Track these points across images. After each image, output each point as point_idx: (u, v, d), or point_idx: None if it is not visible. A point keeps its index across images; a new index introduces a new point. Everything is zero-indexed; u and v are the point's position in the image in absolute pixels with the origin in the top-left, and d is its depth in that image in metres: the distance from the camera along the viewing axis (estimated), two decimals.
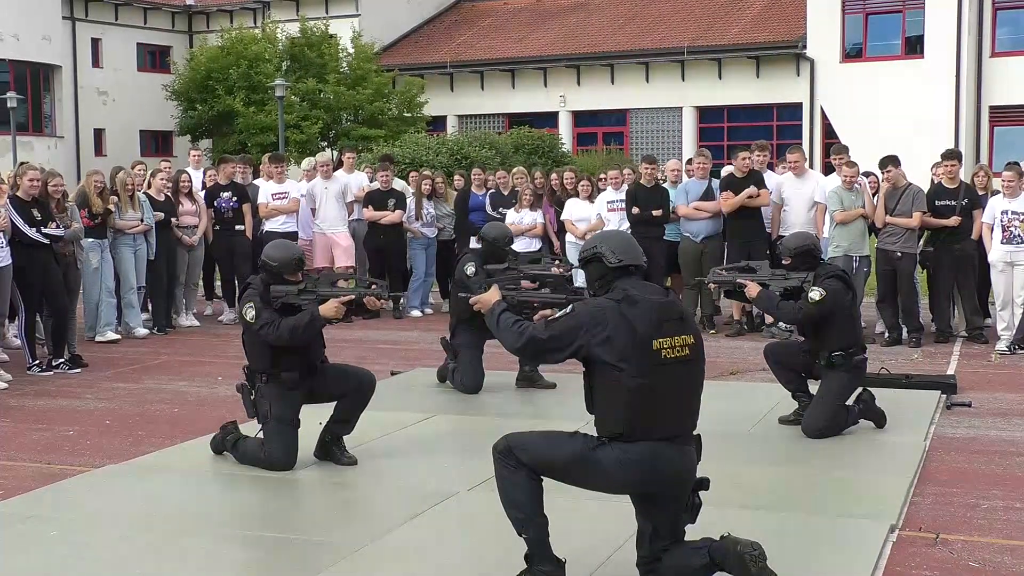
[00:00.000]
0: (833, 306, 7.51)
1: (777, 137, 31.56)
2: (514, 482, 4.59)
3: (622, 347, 4.43)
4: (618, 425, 4.50)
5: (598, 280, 4.70)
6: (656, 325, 4.50)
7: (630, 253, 4.69)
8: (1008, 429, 7.86)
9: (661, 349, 4.48)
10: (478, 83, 37.01)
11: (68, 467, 7.06)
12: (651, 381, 4.45)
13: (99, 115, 38.09)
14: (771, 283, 7.84)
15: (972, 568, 5.13)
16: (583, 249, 4.81)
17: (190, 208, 13.22)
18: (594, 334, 4.46)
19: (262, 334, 6.61)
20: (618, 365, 4.44)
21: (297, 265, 6.75)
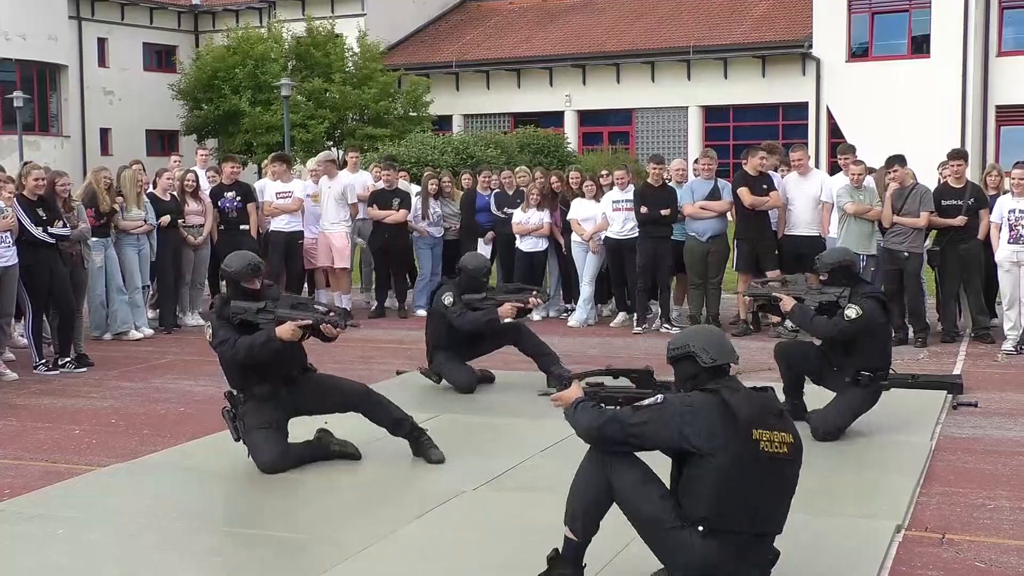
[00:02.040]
0: (868, 325, 7.41)
1: (783, 136, 31.46)
2: (592, 483, 4.53)
3: (718, 434, 4.28)
4: (701, 510, 4.32)
5: (690, 379, 4.53)
6: (758, 415, 4.34)
7: (724, 352, 4.54)
8: (1015, 429, 7.85)
9: (760, 440, 4.30)
10: (484, 83, 37.01)
11: (74, 466, 7.07)
12: (743, 471, 4.28)
13: (105, 114, 38.16)
14: (806, 298, 7.76)
15: (978, 568, 5.12)
16: (673, 345, 4.64)
17: (196, 208, 13.24)
18: (686, 421, 4.31)
19: (219, 351, 6.73)
20: (711, 452, 4.28)
21: (253, 271, 6.82)
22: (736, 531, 4.31)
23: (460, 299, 9.13)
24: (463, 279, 9.33)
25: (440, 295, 9.25)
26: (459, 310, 9.09)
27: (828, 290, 7.74)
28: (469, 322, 9.13)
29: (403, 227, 13.94)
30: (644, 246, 12.40)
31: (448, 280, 9.61)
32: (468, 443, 7.36)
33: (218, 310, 6.78)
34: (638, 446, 4.46)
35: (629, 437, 4.42)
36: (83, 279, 11.29)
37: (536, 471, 6.82)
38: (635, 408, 4.45)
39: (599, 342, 11.98)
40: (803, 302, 7.74)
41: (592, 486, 4.52)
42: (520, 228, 13.49)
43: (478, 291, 9.26)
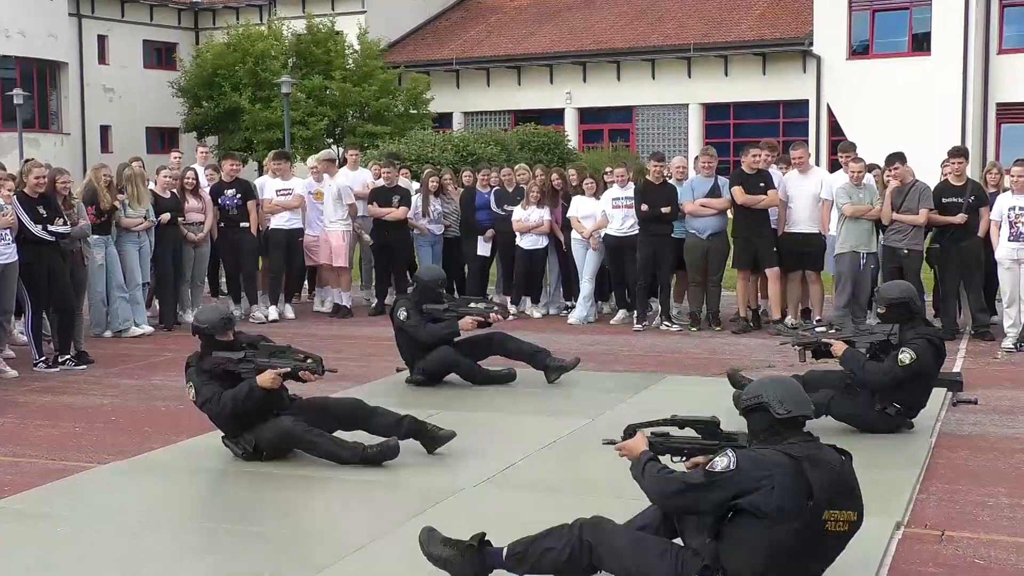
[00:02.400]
0: (920, 369, 7.29)
1: (783, 134, 31.49)
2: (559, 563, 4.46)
3: (787, 504, 4.15)
4: (746, 572, 4.24)
5: (764, 431, 4.39)
6: (834, 495, 4.24)
7: (799, 403, 4.41)
8: (1014, 426, 7.85)
9: (828, 521, 4.22)
10: (484, 80, 37.00)
11: (75, 463, 7.07)
12: (801, 545, 4.20)
13: (105, 112, 38.16)
14: (856, 340, 7.62)
15: (978, 565, 5.12)
16: (747, 396, 4.50)
17: (196, 205, 13.24)
18: (757, 485, 4.17)
19: (205, 410, 6.87)
20: (773, 519, 4.16)
21: (226, 324, 6.94)
22: None
23: (417, 311, 9.20)
24: (418, 292, 9.40)
25: (396, 312, 9.31)
26: (417, 321, 9.17)
27: (878, 329, 7.64)
28: (430, 335, 9.23)
29: (403, 224, 13.95)
30: (645, 244, 12.40)
31: (402, 296, 9.63)
32: (468, 440, 7.36)
33: (196, 366, 6.92)
34: (707, 512, 4.36)
35: (700, 505, 4.32)
36: (83, 277, 11.30)
37: (536, 468, 6.83)
38: (708, 474, 4.27)
39: (599, 340, 11.98)
40: (854, 345, 7.56)
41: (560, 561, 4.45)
42: (520, 226, 13.49)
43: (437, 302, 9.33)
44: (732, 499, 4.21)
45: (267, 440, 6.81)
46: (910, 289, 7.75)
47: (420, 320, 9.21)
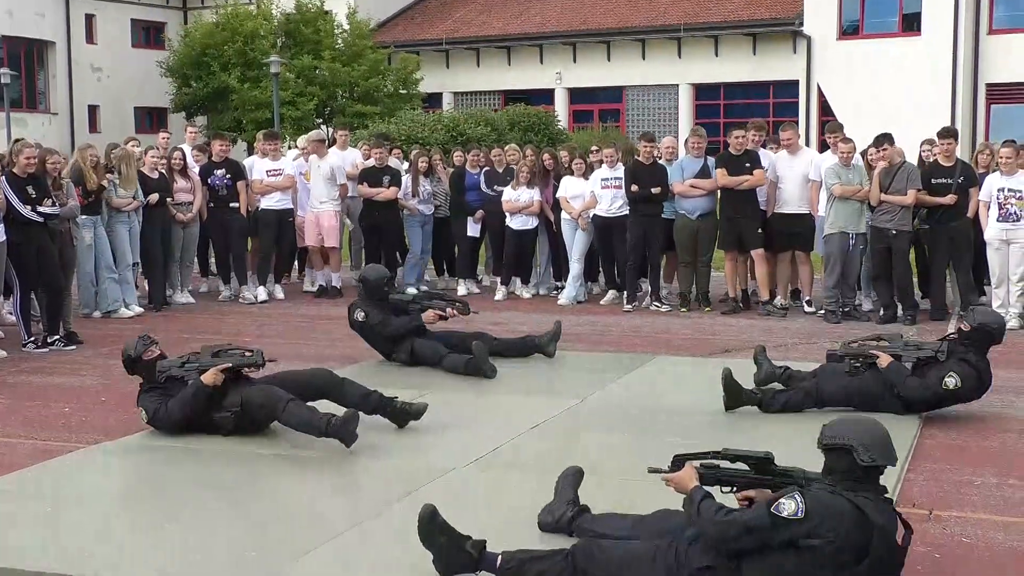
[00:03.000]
0: (959, 398, 7.36)
1: (773, 114, 31.48)
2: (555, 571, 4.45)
3: (842, 560, 4.10)
4: None
5: (842, 474, 4.27)
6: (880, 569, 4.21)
7: (885, 453, 4.30)
8: (1001, 406, 7.88)
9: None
10: (474, 60, 36.91)
11: (64, 444, 7.07)
12: None
13: (93, 91, 37.96)
14: (904, 354, 7.57)
15: (965, 544, 5.15)
16: (832, 435, 4.34)
17: (184, 185, 13.21)
18: (823, 534, 4.09)
19: (157, 423, 7.03)
20: (817, 564, 4.10)
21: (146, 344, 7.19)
22: None
23: (375, 308, 9.31)
24: (365, 291, 9.49)
25: (352, 316, 9.42)
26: (376, 317, 9.29)
27: (927, 346, 7.62)
28: (395, 328, 9.34)
29: (393, 205, 13.92)
30: (634, 224, 12.40)
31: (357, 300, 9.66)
32: (455, 421, 7.37)
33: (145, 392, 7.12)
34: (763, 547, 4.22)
35: (763, 543, 4.19)
36: (72, 257, 11.26)
37: (524, 449, 6.84)
38: (773, 517, 4.14)
39: (588, 320, 12.00)
40: (900, 359, 7.53)
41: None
42: (510, 206, 13.48)
43: (384, 300, 9.42)
44: (791, 544, 4.14)
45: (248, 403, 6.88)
46: (1000, 320, 7.70)
47: (381, 315, 9.32)
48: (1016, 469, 6.37)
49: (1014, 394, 8.27)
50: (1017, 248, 11.08)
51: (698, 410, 7.73)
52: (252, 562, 4.92)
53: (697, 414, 7.64)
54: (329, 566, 4.87)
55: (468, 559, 4.59)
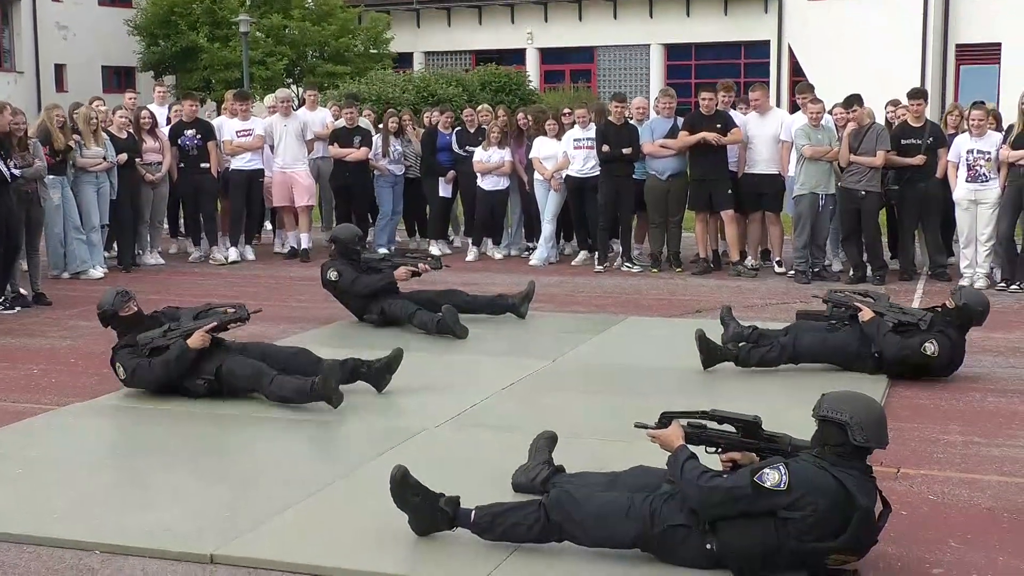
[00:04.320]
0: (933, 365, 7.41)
1: (745, 75, 31.44)
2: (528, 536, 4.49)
3: (820, 533, 4.14)
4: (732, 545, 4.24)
5: (834, 448, 4.25)
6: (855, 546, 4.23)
7: (879, 436, 4.29)
8: (968, 365, 7.94)
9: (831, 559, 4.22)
10: (445, 19, 36.66)
11: (33, 405, 7.04)
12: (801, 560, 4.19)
13: (59, 50, 37.44)
14: (886, 313, 7.61)
15: (931, 501, 5.21)
16: (829, 407, 4.31)
17: (153, 145, 13.11)
18: (804, 507, 4.13)
19: (136, 380, 6.96)
20: (795, 535, 4.15)
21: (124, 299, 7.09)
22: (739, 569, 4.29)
23: (348, 266, 9.33)
24: (337, 250, 9.53)
25: (325, 276, 9.44)
26: (352, 275, 9.31)
27: (912, 312, 7.65)
28: (366, 286, 9.37)
29: (364, 165, 13.86)
30: (606, 185, 12.40)
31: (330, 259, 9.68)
32: (428, 382, 7.39)
33: (120, 349, 7.01)
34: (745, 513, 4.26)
35: (746, 509, 4.23)
36: (39, 217, 11.15)
37: (496, 409, 6.87)
38: (756, 487, 4.18)
39: (560, 281, 12.01)
40: (883, 317, 7.58)
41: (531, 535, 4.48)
42: (481, 167, 13.45)
43: (356, 259, 9.45)
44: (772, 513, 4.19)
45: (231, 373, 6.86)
46: (986, 302, 7.68)
47: (353, 274, 9.34)
48: (981, 427, 6.45)
49: (979, 353, 8.35)
50: (985, 208, 11.15)
51: (669, 369, 7.78)
52: (224, 521, 4.92)
53: (668, 373, 7.69)
54: (301, 526, 4.88)
55: (443, 517, 4.61)
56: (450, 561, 4.49)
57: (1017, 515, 5.03)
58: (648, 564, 4.42)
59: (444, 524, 4.62)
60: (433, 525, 4.64)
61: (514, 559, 4.47)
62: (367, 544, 4.68)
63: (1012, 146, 11.00)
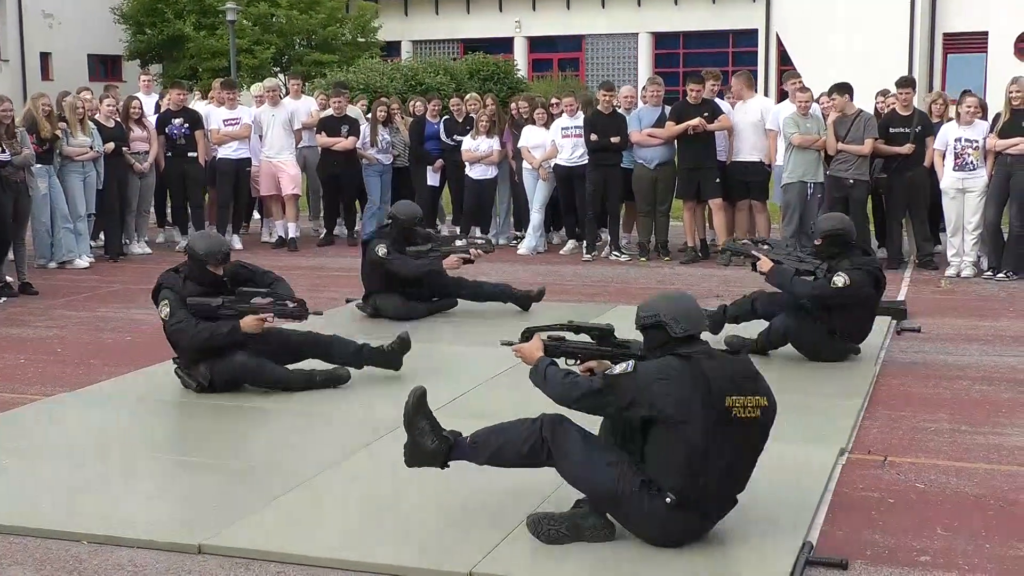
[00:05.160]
0: (853, 298, 7.34)
1: (733, 64, 31.46)
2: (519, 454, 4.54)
3: (689, 401, 4.24)
4: (672, 480, 4.31)
5: (659, 348, 4.46)
6: (732, 381, 4.32)
7: (694, 322, 4.47)
8: (955, 354, 7.99)
9: (733, 407, 4.27)
10: (432, 8, 36.60)
11: (20, 395, 7.02)
12: (715, 439, 4.25)
13: (45, 38, 37.25)
14: (785, 263, 7.65)
15: (919, 489, 5.23)
16: (643, 313, 4.53)
17: (140, 134, 13.07)
18: (658, 388, 4.27)
19: (176, 331, 6.69)
20: (683, 421, 4.24)
21: (223, 258, 6.78)
22: (704, 497, 4.34)
23: (394, 249, 9.04)
24: (395, 230, 9.21)
25: (373, 247, 9.11)
26: (396, 257, 9.02)
27: (809, 259, 7.65)
28: (412, 269, 9.07)
29: (352, 155, 13.83)
30: (594, 174, 12.40)
31: (379, 231, 9.51)
32: (418, 370, 7.37)
33: (173, 288, 6.73)
34: (612, 415, 4.48)
35: (602, 408, 4.43)
36: (27, 207, 11.10)
37: (485, 397, 6.86)
38: (605, 377, 4.40)
39: (549, 270, 12.01)
40: (782, 265, 7.62)
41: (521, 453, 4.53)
42: (469, 155, 13.43)
43: (411, 241, 9.18)
44: (631, 405, 4.31)
45: (221, 375, 6.78)
46: (846, 221, 7.81)
47: (400, 255, 9.04)
48: (969, 415, 6.46)
49: (967, 341, 8.39)
50: (973, 197, 11.18)
51: None
52: (211, 512, 4.91)
53: None
54: (289, 516, 4.88)
55: (443, 444, 4.65)
56: (438, 551, 4.49)
57: (1004, 503, 5.04)
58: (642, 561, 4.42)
59: (439, 456, 4.66)
60: (426, 457, 4.68)
61: (501, 549, 4.47)
62: (355, 534, 4.68)
63: (999, 135, 11.03)
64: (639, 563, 4.35)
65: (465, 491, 4.81)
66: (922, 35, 30.62)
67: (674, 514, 4.32)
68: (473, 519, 4.76)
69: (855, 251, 7.60)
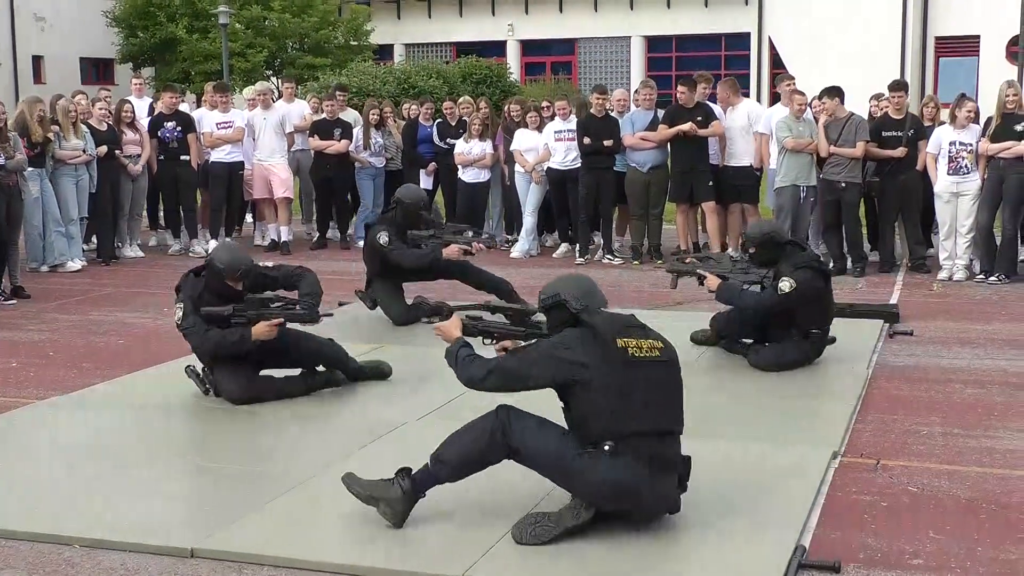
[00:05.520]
0: (802, 299, 7.32)
1: (725, 67, 31.55)
2: (480, 448, 4.62)
3: (588, 355, 4.46)
4: (597, 428, 4.46)
5: (563, 326, 4.67)
6: (618, 328, 4.54)
7: (592, 298, 4.69)
8: (948, 357, 8.00)
9: (627, 347, 4.47)
10: (425, 11, 36.62)
11: (12, 399, 7.00)
12: (621, 380, 4.44)
13: (37, 41, 37.23)
14: (731, 276, 7.68)
15: (911, 492, 5.23)
16: (544, 294, 4.76)
17: (133, 137, 13.07)
18: (559, 355, 4.50)
19: (185, 334, 6.64)
20: (588, 376, 4.44)
21: (243, 274, 6.67)
22: (637, 435, 4.46)
23: (397, 236, 8.92)
24: (399, 214, 9.08)
25: (375, 233, 9.00)
26: (397, 246, 8.89)
27: (754, 270, 7.68)
28: (412, 260, 8.95)
29: (344, 158, 13.82)
30: (587, 177, 12.41)
31: (382, 216, 9.45)
32: (410, 374, 7.37)
33: (191, 293, 6.64)
34: (521, 388, 4.65)
35: (511, 382, 4.62)
36: (20, 210, 11.07)
37: (478, 401, 6.81)
38: (511, 354, 4.69)
39: (541, 273, 11.99)
40: (727, 280, 7.66)
41: (481, 446, 4.61)
42: (462, 159, 13.43)
43: (415, 226, 9.05)
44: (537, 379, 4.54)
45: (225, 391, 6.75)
46: (773, 223, 7.96)
47: (402, 245, 8.92)
48: (961, 419, 6.47)
49: (960, 345, 8.40)
50: (966, 200, 11.19)
51: None
52: (204, 515, 4.91)
53: None
54: (282, 520, 4.87)
55: (401, 493, 4.67)
56: (431, 554, 4.49)
57: (996, 506, 5.05)
58: (636, 564, 4.42)
59: (409, 499, 4.68)
60: (401, 507, 4.68)
61: (495, 551, 4.47)
62: (348, 538, 4.67)
63: (991, 139, 11.05)
64: (634, 566, 4.36)
65: (459, 494, 4.81)
66: (914, 39, 30.70)
67: (617, 461, 4.44)
68: (467, 522, 4.75)
69: (791, 250, 7.59)
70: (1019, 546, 4.58)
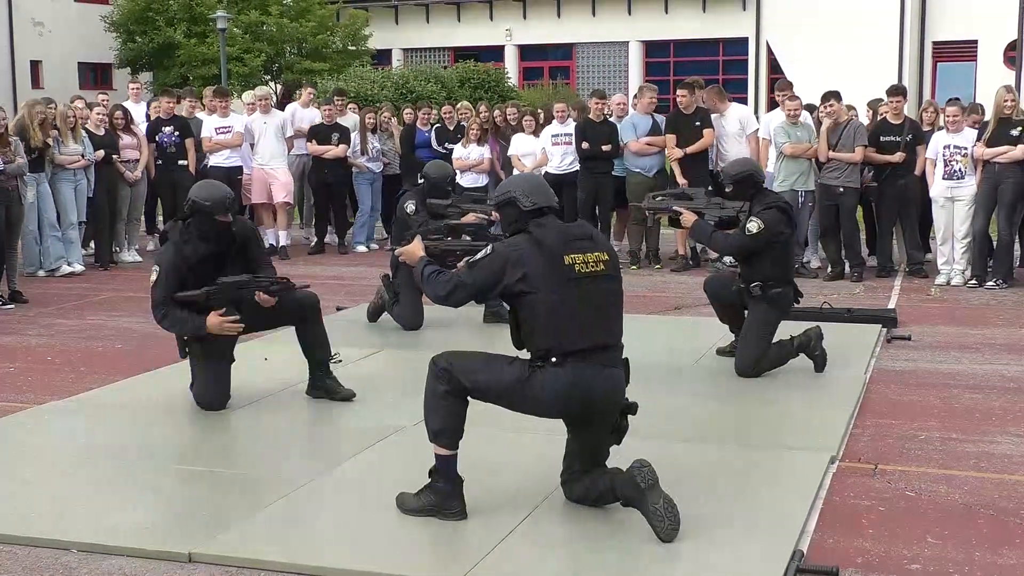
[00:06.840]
0: (769, 238, 7.33)
1: (723, 72, 31.59)
2: (444, 401, 4.74)
3: (536, 267, 4.61)
4: (543, 344, 4.64)
5: (514, 223, 4.84)
6: (565, 242, 4.67)
7: (542, 195, 4.83)
8: (946, 362, 8.00)
9: (574, 264, 4.63)
10: (423, 16, 36.64)
11: (10, 404, 7.00)
12: (566, 296, 4.60)
13: (35, 46, 37.26)
14: (707, 212, 7.73)
15: (909, 497, 5.23)
16: (498, 192, 4.97)
17: (130, 142, 13.06)
18: (515, 270, 4.63)
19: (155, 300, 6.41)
20: (534, 289, 4.60)
21: (231, 204, 6.45)
22: (579, 349, 4.61)
23: (423, 207, 9.03)
24: (426, 187, 9.21)
25: (403, 203, 9.17)
26: (421, 219, 8.91)
27: (729, 205, 7.72)
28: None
29: (343, 162, 13.83)
30: (586, 182, 12.42)
31: (412, 188, 9.52)
32: (406, 380, 7.36)
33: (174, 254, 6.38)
34: (483, 297, 4.94)
35: (473, 294, 4.81)
36: (19, 214, 11.08)
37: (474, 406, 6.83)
38: (470, 265, 4.78)
39: None
40: (703, 217, 7.70)
41: (443, 399, 4.73)
42: (460, 164, 13.44)
43: (443, 197, 9.18)
44: (496, 285, 4.68)
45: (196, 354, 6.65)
46: (751, 162, 8.03)
47: (424, 218, 8.93)
48: (959, 423, 6.47)
49: (957, 349, 8.40)
50: (962, 205, 11.20)
51: (648, 364, 7.76)
52: (202, 520, 4.90)
53: (647, 368, 7.66)
54: (280, 525, 4.87)
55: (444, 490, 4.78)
56: (430, 557, 4.49)
57: (994, 511, 5.05)
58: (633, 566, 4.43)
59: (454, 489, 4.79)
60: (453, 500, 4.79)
61: (496, 554, 4.47)
62: (346, 542, 4.67)
63: (986, 143, 11.06)
64: (632, 570, 4.36)
65: None
66: (912, 44, 30.74)
67: (563, 370, 4.61)
68: (465, 525, 4.75)
69: (765, 192, 7.66)
70: (1017, 551, 4.58)
